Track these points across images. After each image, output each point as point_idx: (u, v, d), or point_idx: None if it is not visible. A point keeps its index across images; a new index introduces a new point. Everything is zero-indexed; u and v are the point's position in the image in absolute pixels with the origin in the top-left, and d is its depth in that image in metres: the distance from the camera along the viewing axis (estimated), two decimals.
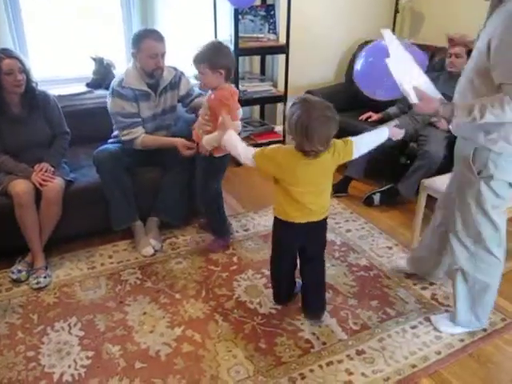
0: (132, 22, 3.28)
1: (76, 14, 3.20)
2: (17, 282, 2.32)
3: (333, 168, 1.93)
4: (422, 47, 3.54)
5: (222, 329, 2.05)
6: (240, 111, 2.43)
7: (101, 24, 3.30)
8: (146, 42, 2.41)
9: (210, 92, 2.32)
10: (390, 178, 3.19)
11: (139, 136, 2.52)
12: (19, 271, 2.34)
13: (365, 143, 2.00)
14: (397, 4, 3.97)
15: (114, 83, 2.51)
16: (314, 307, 2.12)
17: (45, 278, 2.32)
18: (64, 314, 2.13)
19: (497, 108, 1.58)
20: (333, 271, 2.45)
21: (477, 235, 1.85)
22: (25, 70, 2.33)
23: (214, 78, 2.24)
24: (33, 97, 2.41)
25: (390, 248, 2.67)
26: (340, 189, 3.26)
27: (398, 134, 2.09)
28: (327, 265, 2.47)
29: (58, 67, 3.24)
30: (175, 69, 2.68)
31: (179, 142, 2.49)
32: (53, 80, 3.08)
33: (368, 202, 3.14)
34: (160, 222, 2.72)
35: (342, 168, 3.21)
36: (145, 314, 2.14)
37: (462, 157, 1.82)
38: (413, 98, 1.78)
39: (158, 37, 2.45)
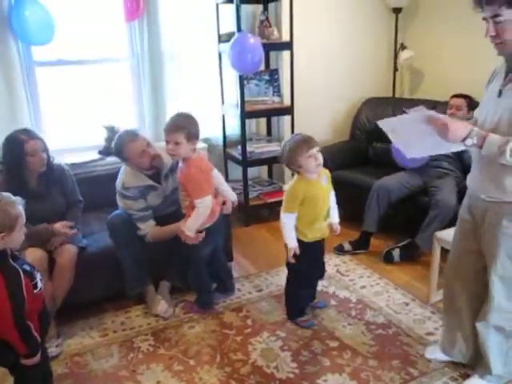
0: (142, 91, 3.43)
1: (88, 86, 3.36)
2: None
3: None
4: (422, 102, 3.66)
5: None
6: (215, 172, 2.52)
7: (112, 94, 3.45)
8: (127, 147, 2.41)
9: (180, 164, 2.36)
10: (405, 232, 3.17)
11: (148, 232, 2.52)
12: None
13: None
14: (396, 62, 4.13)
15: (117, 185, 2.51)
16: None
17: (56, 347, 2.28)
18: None
19: None
20: (350, 330, 2.38)
21: None
22: (46, 149, 2.40)
23: (188, 148, 2.28)
24: (51, 172, 2.47)
25: (407, 304, 2.60)
26: (360, 245, 3.22)
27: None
28: (343, 323, 2.42)
29: (72, 136, 3.36)
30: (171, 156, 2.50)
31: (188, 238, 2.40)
32: (66, 149, 3.18)
33: (388, 258, 3.07)
34: (171, 287, 2.69)
35: (358, 225, 3.25)
36: (158, 382, 2.07)
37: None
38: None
39: (132, 135, 2.45)
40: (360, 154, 3.91)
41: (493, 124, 1.68)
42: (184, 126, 2.26)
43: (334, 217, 2.46)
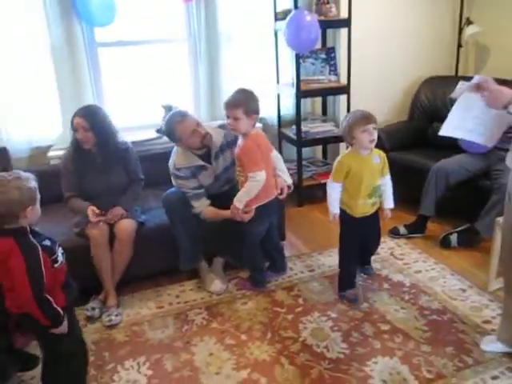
0: (199, 71, 3.47)
1: (147, 66, 3.45)
2: (91, 318, 2.42)
3: None
4: None
5: (288, 373, 2.01)
6: (274, 153, 2.58)
7: (171, 74, 3.52)
8: (178, 128, 2.43)
9: (239, 141, 2.40)
10: (463, 217, 3.05)
11: (202, 210, 2.55)
12: (93, 309, 2.45)
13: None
14: (460, 38, 3.92)
15: (170, 165, 2.56)
16: None
17: (116, 316, 2.41)
18: (134, 353, 2.19)
19: None
20: (403, 314, 2.35)
21: None
22: (93, 129, 2.47)
23: (247, 123, 2.33)
24: (109, 151, 2.56)
25: (464, 290, 2.52)
26: (416, 229, 3.14)
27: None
28: (396, 307, 2.39)
29: (131, 115, 3.48)
30: (223, 127, 2.58)
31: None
32: (126, 127, 3.29)
33: (445, 243, 2.98)
34: (225, 263, 2.76)
35: (414, 208, 3.17)
36: (211, 355, 2.15)
37: None
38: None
39: (181, 116, 2.47)
40: (419, 134, 3.77)
41: None
42: (243, 101, 2.30)
43: (388, 202, 2.46)
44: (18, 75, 3.04)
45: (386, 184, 2.45)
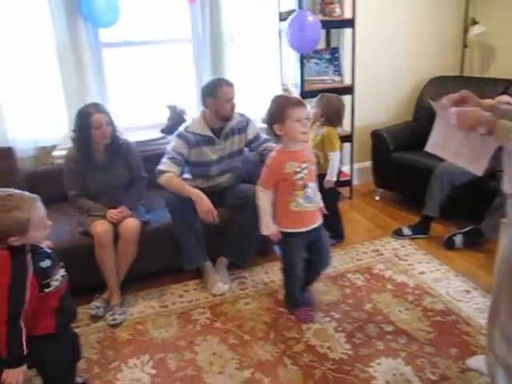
0: (203, 72, 3.47)
1: (151, 66, 3.46)
2: (95, 317, 2.43)
3: None
4: (494, 81, 3.45)
5: (291, 373, 2.01)
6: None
7: (174, 74, 3.53)
8: (222, 89, 2.56)
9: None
10: (468, 218, 3.04)
11: (169, 173, 2.55)
12: (97, 307, 2.46)
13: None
14: (465, 38, 3.90)
15: (180, 128, 2.68)
16: None
17: (120, 314, 2.42)
18: (137, 351, 2.20)
19: None
20: (406, 315, 2.34)
21: None
22: (111, 123, 2.52)
23: None
24: (117, 146, 2.59)
25: (469, 292, 2.52)
26: (420, 230, 3.14)
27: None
28: (399, 308, 2.38)
29: (135, 115, 3.48)
30: (242, 114, 2.77)
31: (202, 204, 2.47)
32: (130, 127, 3.30)
33: (449, 244, 2.97)
34: (229, 263, 2.76)
35: (418, 209, 3.16)
36: (214, 354, 2.15)
37: None
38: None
39: (229, 83, 2.62)
40: (424, 135, 3.63)
41: None
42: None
43: None
44: (24, 76, 3.05)
45: None
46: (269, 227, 2.24)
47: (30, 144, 3.14)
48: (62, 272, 1.70)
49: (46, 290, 1.61)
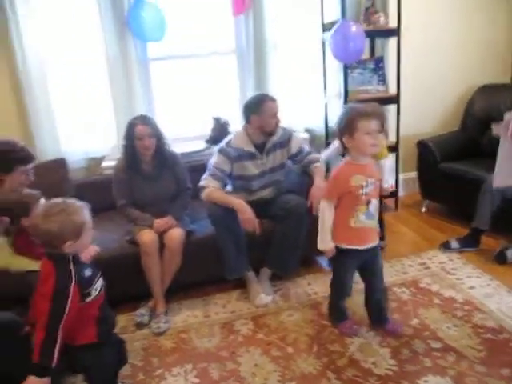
0: (247, 83, 3.51)
1: (196, 79, 3.54)
2: (140, 324, 2.48)
3: None
4: None
5: None
6: None
7: (219, 86, 3.59)
8: (267, 104, 2.58)
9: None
10: None
11: (210, 188, 2.59)
12: (142, 315, 2.51)
13: None
14: None
15: (223, 142, 2.69)
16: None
17: (165, 323, 2.46)
18: (181, 360, 2.22)
19: None
20: (455, 332, 2.26)
21: None
22: (156, 135, 2.59)
23: None
24: (164, 157, 2.66)
25: None
26: (469, 243, 3.02)
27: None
28: (448, 324, 2.30)
29: (181, 126, 3.57)
30: (284, 128, 2.76)
31: (244, 211, 2.50)
32: (176, 138, 3.38)
33: (500, 258, 2.85)
34: (272, 274, 2.76)
35: (467, 221, 3.06)
36: (256, 365, 2.15)
37: None
38: None
39: (273, 98, 2.64)
40: (472, 145, 3.65)
41: None
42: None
43: None
44: (76, 89, 3.21)
45: None
46: (326, 242, 2.15)
47: (81, 155, 3.28)
48: (101, 281, 1.73)
49: (87, 300, 1.64)
